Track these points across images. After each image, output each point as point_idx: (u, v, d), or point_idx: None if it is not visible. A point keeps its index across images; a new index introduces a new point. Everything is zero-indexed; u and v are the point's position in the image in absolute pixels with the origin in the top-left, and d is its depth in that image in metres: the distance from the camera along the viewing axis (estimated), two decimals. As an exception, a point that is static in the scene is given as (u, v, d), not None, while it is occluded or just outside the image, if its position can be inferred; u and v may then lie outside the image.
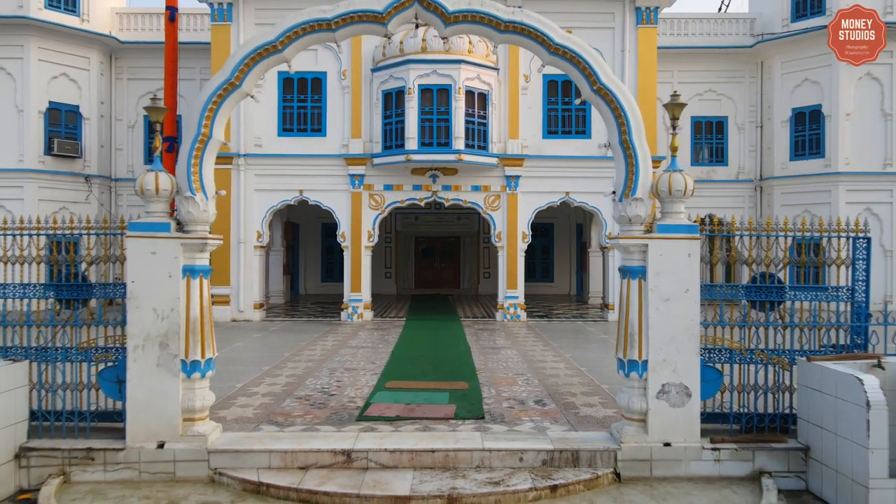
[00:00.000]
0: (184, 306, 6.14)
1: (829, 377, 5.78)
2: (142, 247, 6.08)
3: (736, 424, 6.45)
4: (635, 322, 6.21)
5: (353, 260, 17.17)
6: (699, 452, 6.12)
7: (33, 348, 6.38)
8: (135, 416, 6.08)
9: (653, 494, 5.75)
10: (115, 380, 6.29)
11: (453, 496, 5.46)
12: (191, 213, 6.21)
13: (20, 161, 19.34)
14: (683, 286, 6.12)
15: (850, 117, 19.74)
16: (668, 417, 6.13)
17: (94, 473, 6.02)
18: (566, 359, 11.11)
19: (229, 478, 5.92)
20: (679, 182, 6.16)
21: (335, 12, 6.25)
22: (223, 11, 16.88)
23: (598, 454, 6.14)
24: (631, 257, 6.29)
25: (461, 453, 6.11)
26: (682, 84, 21.84)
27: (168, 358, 6.10)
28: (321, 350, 11.98)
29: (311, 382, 9.09)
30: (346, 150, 17.14)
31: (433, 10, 6.21)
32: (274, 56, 6.33)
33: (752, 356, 6.51)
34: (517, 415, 7.41)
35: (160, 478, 6.00)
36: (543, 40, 6.24)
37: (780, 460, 6.12)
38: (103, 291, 6.47)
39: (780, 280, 6.68)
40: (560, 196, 17.38)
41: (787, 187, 20.84)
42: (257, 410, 7.56)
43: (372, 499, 5.44)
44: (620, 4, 17.21)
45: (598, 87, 6.25)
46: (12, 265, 6.51)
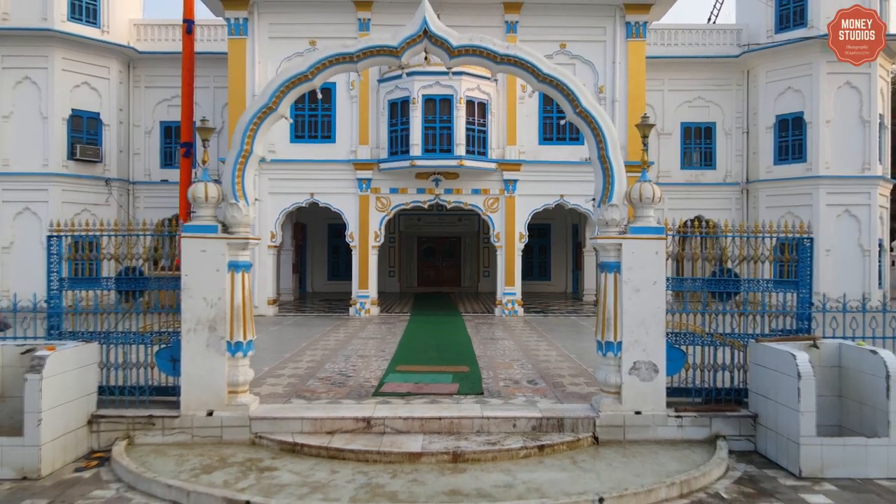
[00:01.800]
0: (229, 296, 7.26)
1: (772, 355, 6.90)
2: (194, 245, 7.20)
3: (697, 397, 7.58)
4: (611, 309, 7.33)
5: (360, 259, 18.29)
6: (665, 420, 7.24)
7: (101, 332, 7.50)
8: (188, 389, 7.20)
9: (625, 453, 6.86)
10: (169, 358, 7.42)
11: (457, 453, 6.58)
12: (234, 217, 7.33)
13: (45, 165, 20.46)
14: (652, 279, 7.24)
15: (831, 124, 20.87)
16: (638, 390, 7.25)
17: (154, 437, 7.14)
18: (558, 348, 12.23)
19: (268, 440, 7.04)
20: (648, 191, 7.28)
21: (357, 47, 7.35)
22: (239, 26, 17.99)
23: (580, 421, 7.26)
24: (608, 254, 7.40)
25: (463, 420, 7.23)
26: (673, 91, 23.04)
27: (216, 340, 7.22)
28: (335, 340, 13.10)
29: (330, 366, 10.22)
30: (354, 156, 18.28)
31: (440, 45, 7.32)
32: (305, 84, 7.42)
33: (712, 339, 7.64)
34: (512, 391, 8.54)
35: (209, 440, 7.12)
36: (533, 70, 7.36)
37: (734, 426, 7.24)
38: (158, 284, 7.60)
39: (735, 274, 7.79)
40: (555, 199, 18.49)
41: (772, 190, 21.97)
42: (286, 388, 8.68)
43: (390, 454, 6.55)
44: (611, 19, 18.32)
45: (580, 111, 7.37)
46: (82, 262, 7.63)
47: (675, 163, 23.12)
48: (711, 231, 7.79)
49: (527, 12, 18.17)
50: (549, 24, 18.30)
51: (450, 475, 6.17)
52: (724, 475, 6.38)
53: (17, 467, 6.23)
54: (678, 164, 23.13)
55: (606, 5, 18.14)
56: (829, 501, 5.73)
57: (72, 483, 6.15)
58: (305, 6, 18.00)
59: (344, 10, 18.03)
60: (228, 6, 17.75)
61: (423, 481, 6.00)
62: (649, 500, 5.68)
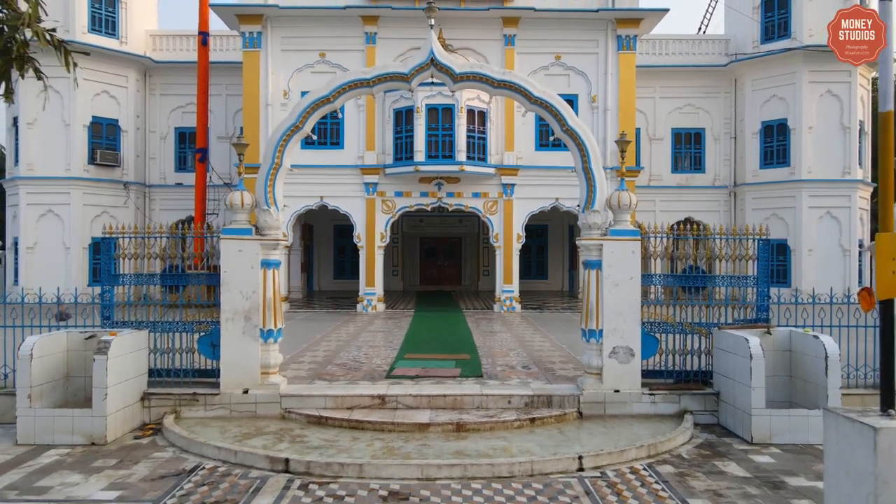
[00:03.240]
0: (262, 289, 8.36)
1: (731, 340, 8.01)
2: (231, 246, 8.31)
3: (669, 378, 8.70)
4: (593, 301, 8.43)
5: (367, 258, 19.40)
6: (640, 397, 8.34)
7: (149, 322, 8.61)
8: (226, 370, 8.31)
9: (604, 425, 7.96)
10: (209, 344, 8.53)
11: (460, 423, 7.68)
12: (266, 221, 8.44)
13: (67, 170, 21.58)
14: (628, 275, 8.34)
15: (813, 130, 21.97)
16: (617, 371, 8.35)
17: (197, 412, 8.25)
18: (551, 340, 13.34)
19: (296, 414, 8.14)
20: (625, 198, 8.38)
21: (373, 73, 8.45)
22: (253, 39, 19.09)
23: (567, 398, 8.37)
24: (591, 254, 8.51)
25: (465, 397, 8.33)
26: (664, 98, 24.16)
27: (251, 328, 8.32)
28: (346, 333, 14.22)
29: (345, 355, 11.33)
30: (361, 162, 19.39)
31: (444, 71, 8.42)
32: (327, 105, 8.53)
33: (682, 327, 8.74)
34: (508, 374, 9.65)
35: (245, 415, 8.22)
36: (526, 94, 8.45)
37: (699, 402, 8.35)
38: (198, 279, 8.71)
39: (703, 271, 8.90)
40: (551, 202, 19.59)
41: (758, 193, 23.08)
42: (308, 372, 9.79)
43: (402, 425, 7.66)
44: (603, 33, 19.43)
45: (567, 129, 8.47)
46: (133, 260, 8.74)
47: (667, 167, 24.24)
48: (695, 232, 8.87)
49: (524, 26, 19.28)
50: (545, 37, 19.40)
51: (454, 441, 7.27)
52: (688, 442, 7.49)
53: (87, 434, 7.34)
54: (669, 167, 24.25)
55: (599, 20, 19.24)
56: (772, 460, 6.84)
57: (133, 448, 7.25)
58: (316, 20, 19.11)
59: (352, 25, 19.13)
60: (244, 21, 18.85)
61: (431, 445, 7.11)
62: (621, 458, 6.78)
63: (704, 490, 5.98)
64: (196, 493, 5.87)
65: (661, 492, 5.93)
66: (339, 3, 18.82)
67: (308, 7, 18.79)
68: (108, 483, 6.14)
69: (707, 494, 5.87)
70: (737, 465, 6.68)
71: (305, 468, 6.40)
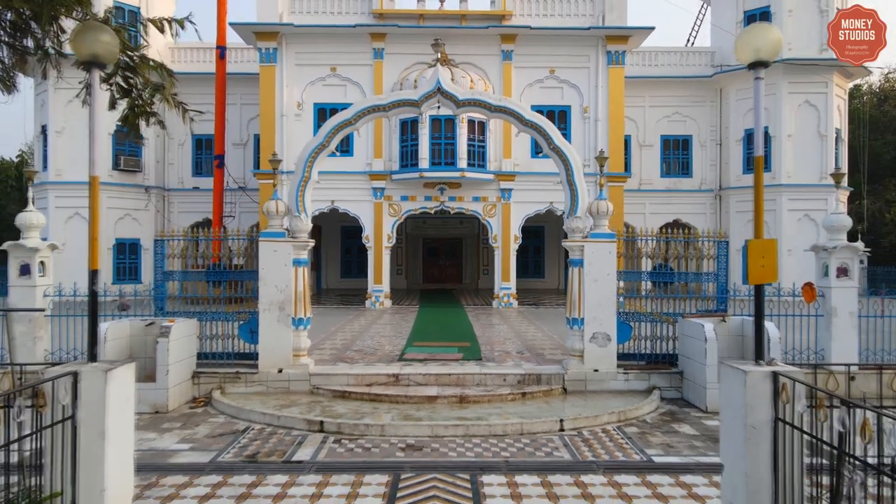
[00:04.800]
0: (293, 284, 9.82)
1: (692, 327, 9.47)
2: (268, 247, 9.77)
3: (641, 360, 10.15)
4: (576, 294, 9.88)
5: (375, 258, 20.86)
6: (616, 376, 9.80)
7: (196, 312, 10.08)
8: (264, 353, 9.76)
9: (584, 398, 9.41)
10: (248, 331, 9.99)
11: (462, 396, 9.14)
12: (297, 226, 9.90)
13: (93, 175, 22.98)
14: (606, 271, 9.79)
15: (792, 138, 23.46)
16: (596, 354, 9.80)
17: (239, 388, 9.71)
18: (544, 331, 14.80)
19: (323, 390, 9.60)
20: (603, 206, 9.84)
21: (389, 100, 9.91)
22: (269, 54, 20.56)
23: (553, 377, 9.83)
24: (574, 254, 9.96)
25: (467, 376, 9.79)
26: (654, 107, 25.66)
27: (284, 316, 9.78)
28: (358, 325, 15.68)
29: (360, 343, 12.80)
30: (369, 168, 20.87)
31: (449, 98, 9.87)
32: (349, 127, 9.97)
33: (652, 317, 10.20)
34: (504, 358, 11.11)
35: (280, 390, 9.68)
36: (518, 117, 9.91)
37: (666, 380, 9.81)
38: (239, 275, 10.18)
39: (671, 268, 10.36)
40: (545, 205, 21.05)
41: (741, 196, 24.55)
42: (329, 356, 11.25)
43: (414, 397, 9.11)
44: (594, 48, 20.89)
45: (553, 147, 9.93)
46: (180, 259, 10.21)
47: (656, 171, 25.73)
48: (664, 235, 10.36)
49: (521, 42, 20.73)
50: (540, 52, 20.86)
51: (457, 409, 8.74)
52: (654, 411, 8.95)
53: (152, 404, 8.80)
54: (658, 172, 25.75)
55: (590, 37, 20.71)
56: (719, 423, 8.28)
57: (190, 415, 8.72)
58: (327, 37, 20.57)
59: (360, 41, 20.59)
60: (261, 38, 20.31)
61: (438, 412, 8.58)
62: (595, 422, 8.24)
63: (659, 444, 7.44)
64: (251, 446, 7.34)
65: (624, 444, 7.39)
66: (349, 22, 20.30)
67: (320, 25, 20.28)
68: (179, 439, 7.61)
69: (661, 446, 7.34)
70: (689, 427, 8.14)
71: (337, 428, 7.86)
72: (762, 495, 4.42)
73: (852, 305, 9.76)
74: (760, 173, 4.86)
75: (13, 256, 9.89)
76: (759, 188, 4.86)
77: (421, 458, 6.88)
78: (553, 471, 6.46)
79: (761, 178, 4.87)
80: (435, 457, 6.94)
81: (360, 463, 6.74)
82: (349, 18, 20.51)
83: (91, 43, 4.86)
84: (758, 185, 4.88)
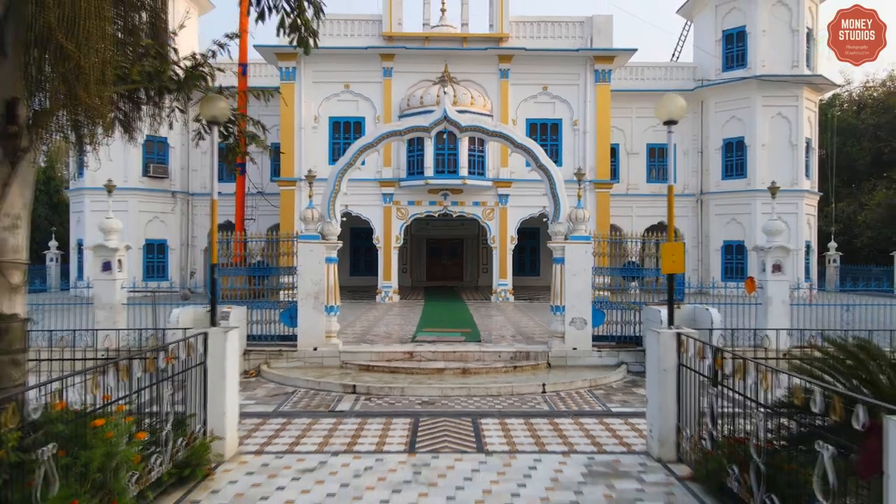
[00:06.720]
0: (325, 278, 11.94)
1: (652, 313, 11.58)
2: (305, 247, 11.89)
3: (612, 341, 12.27)
4: (558, 286, 11.99)
5: (384, 257, 22.99)
6: (591, 353, 11.92)
7: (246, 301, 12.20)
8: (302, 334, 11.89)
9: (565, 371, 11.53)
10: (289, 317, 12.12)
11: (465, 369, 11.26)
12: (328, 230, 12.02)
13: (125, 181, 25.16)
14: (583, 267, 11.91)
15: (766, 147, 25.58)
16: (575, 335, 11.91)
17: (281, 363, 11.83)
18: (535, 321, 16.93)
19: (351, 364, 11.73)
20: (580, 214, 11.96)
21: (404, 126, 12.03)
22: (289, 73, 22.70)
23: (540, 354, 11.95)
24: (557, 253, 12.07)
25: (469, 353, 11.92)
26: (640, 118, 27.76)
27: (318, 304, 11.90)
28: (373, 316, 17.82)
29: (377, 329, 14.93)
30: (379, 176, 23.00)
31: (454, 125, 12.00)
32: (370, 149, 12.10)
33: (622, 304, 12.33)
34: (499, 340, 13.24)
35: (315, 365, 11.80)
36: (511, 141, 12.02)
37: (633, 356, 11.93)
38: (278, 271, 12.30)
39: (637, 265, 12.48)
40: (539, 209, 23.15)
41: (720, 200, 26.68)
42: (353, 339, 13.37)
43: (426, 369, 11.23)
44: (583, 67, 23.03)
45: (540, 165, 12.04)
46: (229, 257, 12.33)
47: (642, 177, 27.85)
48: (614, 237, 12.48)
49: (516, 62, 22.87)
50: (534, 70, 23.00)
51: (461, 378, 10.86)
52: (620, 380, 11.07)
53: (215, 374, 10.92)
54: (644, 178, 27.86)
55: (579, 57, 22.84)
56: (670, 388, 10.41)
57: (246, 383, 10.84)
58: (341, 58, 22.70)
59: (371, 61, 22.72)
60: (281, 58, 22.46)
61: (446, 380, 10.70)
62: (571, 386, 10.35)
63: (619, 400, 9.57)
64: (301, 402, 9.47)
65: (591, 401, 9.52)
66: (362, 44, 22.45)
67: (336, 47, 22.40)
68: (244, 398, 9.73)
69: (619, 402, 9.46)
70: (645, 390, 10.24)
71: (366, 390, 9.99)
72: (669, 413, 6.56)
73: (784, 296, 11.88)
74: (672, 195, 6.99)
75: (96, 255, 12.03)
76: (671, 201, 6.98)
77: (434, 409, 9.00)
78: (534, 416, 8.58)
79: (672, 197, 7.00)
80: (444, 408, 9.06)
81: (388, 411, 8.87)
82: (361, 41, 22.64)
83: (212, 108, 6.94)
84: (670, 201, 7.00)
